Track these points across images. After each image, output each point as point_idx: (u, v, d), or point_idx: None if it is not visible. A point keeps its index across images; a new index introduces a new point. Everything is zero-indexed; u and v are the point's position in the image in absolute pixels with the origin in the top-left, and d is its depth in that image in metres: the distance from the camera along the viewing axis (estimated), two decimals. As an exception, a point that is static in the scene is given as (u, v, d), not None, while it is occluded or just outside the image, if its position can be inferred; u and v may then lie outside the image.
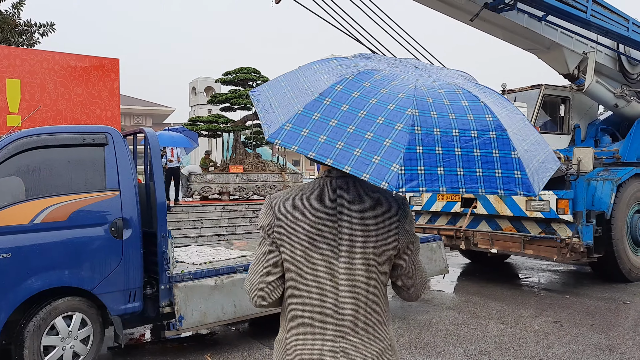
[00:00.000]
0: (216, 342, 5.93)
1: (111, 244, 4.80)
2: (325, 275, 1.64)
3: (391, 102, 1.44)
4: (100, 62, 10.52)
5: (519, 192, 1.40)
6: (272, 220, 1.68)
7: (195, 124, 18.97)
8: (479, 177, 1.39)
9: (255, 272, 1.71)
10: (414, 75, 1.59)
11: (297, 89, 1.57)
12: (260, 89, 1.68)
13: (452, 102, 1.49)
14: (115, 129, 5.07)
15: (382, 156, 1.34)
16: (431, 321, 6.41)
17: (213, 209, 14.17)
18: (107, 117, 10.42)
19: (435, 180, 1.35)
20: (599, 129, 11.10)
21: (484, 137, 1.43)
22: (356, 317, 1.65)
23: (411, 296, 1.78)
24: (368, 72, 1.56)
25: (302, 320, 1.67)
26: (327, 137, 1.40)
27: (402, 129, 1.37)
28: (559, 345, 5.49)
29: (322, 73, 1.60)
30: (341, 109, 1.44)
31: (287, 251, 1.66)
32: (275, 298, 1.71)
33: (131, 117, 41.98)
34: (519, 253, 8.54)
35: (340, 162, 1.36)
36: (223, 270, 5.38)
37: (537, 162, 1.52)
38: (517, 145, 1.45)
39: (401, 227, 1.68)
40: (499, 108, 1.56)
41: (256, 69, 19.37)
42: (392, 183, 1.30)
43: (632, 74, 10.32)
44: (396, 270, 1.72)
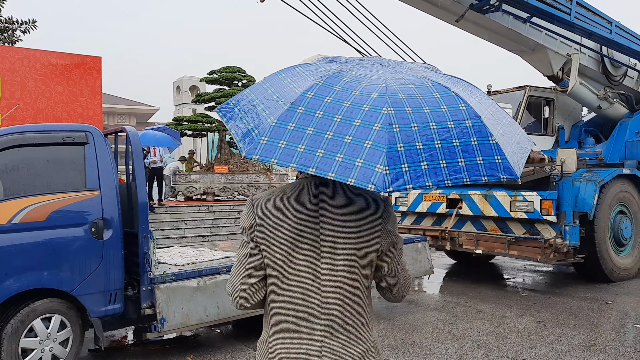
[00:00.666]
0: (199, 344, 5.86)
1: (91, 244, 4.71)
2: (308, 277, 1.62)
3: (365, 103, 1.42)
4: (82, 60, 10.39)
5: (502, 176, 1.41)
6: (253, 222, 1.66)
7: (179, 124, 18.86)
8: (462, 167, 1.39)
9: (237, 274, 1.69)
10: (382, 73, 1.59)
11: (266, 101, 1.54)
12: (227, 105, 1.64)
13: (425, 95, 1.49)
14: (95, 128, 4.98)
15: (364, 158, 1.32)
16: (416, 322, 6.40)
17: (197, 210, 14.08)
18: (89, 116, 10.30)
19: (421, 176, 1.35)
20: (582, 131, 11.20)
21: (461, 126, 1.43)
22: (339, 318, 1.64)
23: (395, 297, 1.77)
24: (336, 75, 1.54)
25: (284, 322, 1.65)
26: (305, 146, 1.38)
27: (380, 128, 1.36)
28: (542, 345, 5.51)
29: (290, 82, 1.57)
30: (316, 116, 1.42)
31: (269, 253, 1.64)
32: (258, 300, 1.69)
33: (114, 116, 41.58)
34: (503, 254, 8.57)
35: (323, 170, 1.34)
36: (206, 272, 5.31)
37: (514, 143, 1.54)
38: (494, 130, 1.46)
39: (383, 227, 1.66)
40: (469, 96, 1.56)
41: (241, 68, 19.29)
42: (378, 184, 1.29)
43: (615, 76, 10.42)
44: (379, 271, 1.71)
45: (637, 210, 9.03)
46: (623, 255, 8.76)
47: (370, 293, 1.73)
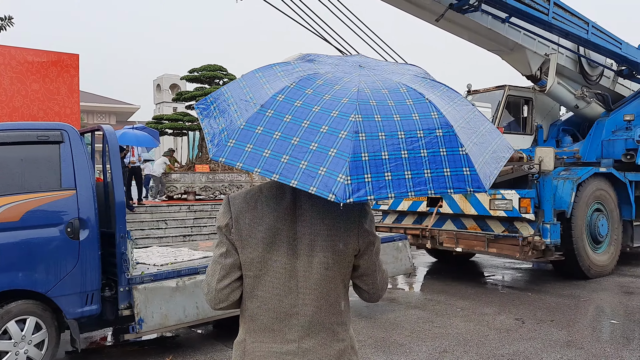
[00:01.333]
0: (178, 344, 5.80)
1: (67, 245, 4.63)
2: (284, 276, 1.61)
3: (334, 109, 1.40)
4: (59, 58, 10.22)
5: (469, 189, 1.39)
6: (229, 221, 1.64)
7: (159, 122, 18.68)
8: (428, 178, 1.37)
9: (212, 273, 1.67)
10: (358, 76, 1.56)
11: (240, 101, 1.53)
12: (205, 101, 1.63)
13: (397, 102, 1.46)
14: (71, 126, 4.90)
15: (327, 167, 1.31)
16: (396, 320, 6.42)
17: (178, 209, 13.96)
18: (66, 114, 10.14)
19: (383, 187, 1.33)
20: (560, 130, 11.37)
21: (431, 136, 1.41)
22: (315, 318, 1.63)
23: (372, 297, 1.77)
24: (310, 78, 1.52)
25: (261, 322, 1.64)
26: (271, 151, 1.36)
27: (346, 137, 1.34)
28: (520, 341, 5.57)
29: (265, 82, 1.56)
30: (284, 120, 1.41)
31: (246, 252, 1.62)
32: (234, 300, 1.68)
33: (94, 115, 41.04)
34: (483, 251, 8.65)
35: (287, 177, 1.32)
36: (185, 272, 5.26)
37: (488, 153, 1.52)
38: (465, 141, 1.44)
39: (361, 227, 1.65)
40: (445, 103, 1.53)
41: (222, 66, 19.19)
42: (338, 195, 1.27)
43: (592, 75, 10.59)
44: (356, 270, 1.70)
45: (613, 208, 9.18)
46: (599, 253, 8.91)
47: (347, 292, 1.72)
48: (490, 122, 1.65)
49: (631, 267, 9.83)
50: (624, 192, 9.43)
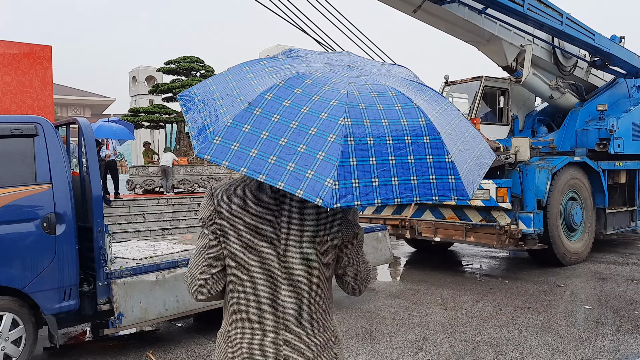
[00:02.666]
0: (159, 338, 5.77)
1: (43, 240, 4.56)
2: (268, 267, 1.61)
3: (323, 111, 1.39)
4: (32, 49, 9.98)
5: (453, 197, 1.41)
6: (212, 212, 1.64)
7: (136, 115, 18.42)
8: (414, 185, 1.38)
9: (195, 265, 1.66)
10: (347, 76, 1.55)
11: (226, 96, 1.50)
12: (188, 93, 1.60)
13: (385, 106, 1.46)
14: (45, 119, 4.81)
15: (315, 170, 1.30)
16: (377, 310, 6.48)
17: (156, 203, 13.82)
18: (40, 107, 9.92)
19: (370, 193, 1.33)
20: (535, 120, 11.54)
21: (418, 142, 1.41)
22: (299, 308, 1.64)
23: (356, 289, 1.77)
24: (299, 77, 1.50)
25: (244, 313, 1.64)
26: (258, 151, 1.35)
27: (335, 140, 1.34)
28: (498, 328, 5.67)
29: (252, 77, 1.53)
30: (272, 120, 1.39)
31: (229, 243, 1.62)
32: (217, 291, 1.67)
33: (68, 108, 40.28)
34: (461, 241, 8.77)
35: (273, 178, 1.32)
36: (165, 265, 5.22)
37: (473, 159, 1.54)
38: (451, 147, 1.45)
39: (345, 218, 1.66)
40: (432, 108, 1.54)
41: (199, 58, 18.97)
42: (326, 199, 1.27)
43: (566, 66, 10.75)
44: (340, 262, 1.71)
45: (587, 197, 9.37)
46: (574, 240, 9.10)
47: (330, 283, 1.73)
48: (474, 128, 1.68)
49: (604, 254, 10.07)
50: (597, 180, 9.64)
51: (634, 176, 10.73)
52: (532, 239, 8.16)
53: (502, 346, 5.11)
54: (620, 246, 11.26)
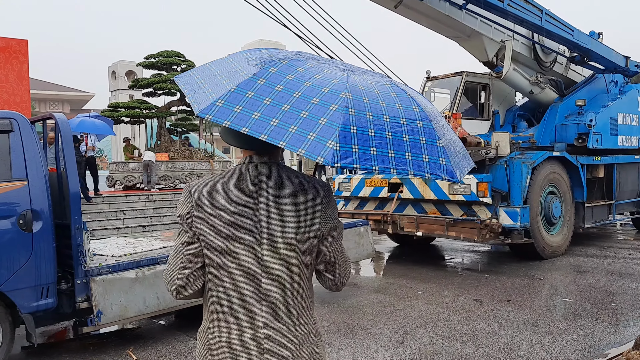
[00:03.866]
0: (139, 336, 5.72)
1: (19, 237, 4.48)
2: (248, 263, 1.61)
3: (325, 86, 1.45)
4: (7, 44, 9.77)
5: (444, 176, 1.48)
6: (191, 209, 1.63)
7: (115, 110, 18.17)
8: (409, 160, 1.43)
9: (174, 262, 1.65)
10: (344, 68, 1.64)
11: (228, 72, 1.54)
12: (186, 74, 1.63)
13: (382, 92, 1.54)
14: (21, 115, 4.71)
15: (317, 133, 1.35)
16: (359, 304, 6.50)
17: (137, 199, 13.68)
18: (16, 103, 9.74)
19: (369, 160, 1.38)
20: (516, 115, 11.65)
21: (412, 125, 1.49)
22: (280, 303, 1.63)
23: (335, 284, 1.76)
24: (301, 60, 1.57)
25: (224, 310, 1.64)
26: (261, 114, 1.38)
27: (337, 109, 1.39)
28: (478, 321, 5.72)
29: (252, 59, 1.59)
30: (275, 89, 1.43)
31: (208, 240, 1.61)
32: (196, 289, 1.66)
33: (46, 103, 39.64)
34: (442, 235, 8.82)
35: (275, 138, 1.34)
36: (145, 262, 5.17)
37: (458, 155, 1.62)
38: (441, 137, 1.54)
39: (324, 212, 1.67)
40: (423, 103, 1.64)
41: (180, 52, 18.78)
42: (327, 158, 1.31)
43: (546, 62, 10.86)
44: (319, 256, 1.71)
45: (566, 191, 9.49)
46: (553, 234, 9.21)
47: (311, 278, 1.73)
48: (456, 136, 1.76)
49: (583, 247, 10.23)
50: (576, 175, 9.76)
51: (612, 170, 10.90)
52: (519, 233, 8.24)
53: (482, 339, 5.16)
54: (599, 239, 11.44)
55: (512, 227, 8.16)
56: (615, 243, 11.00)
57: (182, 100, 18.52)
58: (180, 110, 19.77)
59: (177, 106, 18.95)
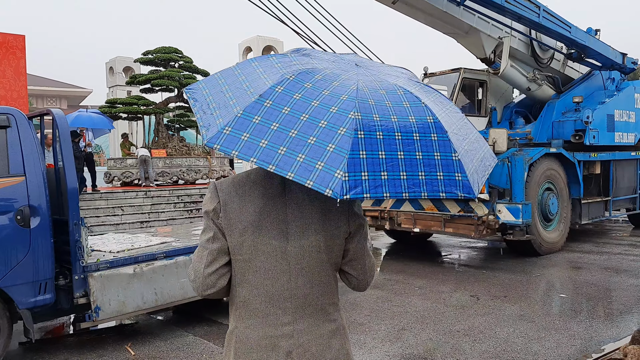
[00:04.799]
0: (137, 331, 5.73)
1: (17, 233, 4.48)
2: (276, 259, 1.60)
3: (333, 105, 1.40)
4: (4, 39, 9.74)
5: (460, 194, 1.42)
6: (217, 206, 1.61)
7: (113, 106, 18.13)
8: (422, 181, 1.38)
9: (199, 259, 1.64)
10: (356, 74, 1.56)
11: (235, 89, 1.49)
12: (196, 86, 1.59)
13: (394, 103, 1.47)
14: (18, 110, 4.71)
15: (325, 162, 1.31)
16: (356, 300, 6.52)
17: (135, 195, 13.66)
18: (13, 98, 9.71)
19: (379, 186, 1.33)
20: (513, 112, 11.67)
21: (426, 139, 1.43)
22: (308, 300, 1.62)
23: (361, 283, 1.75)
24: (309, 72, 1.50)
25: (253, 307, 1.62)
26: (268, 141, 1.35)
27: (345, 133, 1.34)
28: (475, 317, 5.75)
29: (262, 72, 1.53)
30: (282, 112, 1.39)
31: (234, 236, 1.59)
32: (221, 286, 1.64)
33: (44, 99, 39.53)
34: (439, 231, 8.85)
35: (283, 169, 1.31)
36: (142, 258, 5.19)
37: (477, 160, 1.55)
38: (458, 147, 1.47)
39: (351, 209, 1.66)
40: (439, 108, 1.55)
41: (178, 48, 18.72)
42: (336, 190, 1.27)
43: (543, 58, 10.87)
44: (346, 255, 1.69)
45: (562, 187, 9.52)
46: (550, 230, 9.25)
47: (336, 275, 1.73)
48: (477, 131, 1.69)
49: (579, 244, 10.27)
50: (572, 171, 9.79)
51: (608, 167, 10.94)
52: (521, 230, 8.27)
53: (479, 335, 5.19)
54: (595, 236, 11.49)
55: (514, 223, 8.18)
56: (611, 239, 11.04)
57: (180, 96, 18.49)
58: (178, 107, 19.73)
59: (174, 102, 18.91)
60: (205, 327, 5.66)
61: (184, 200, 14.20)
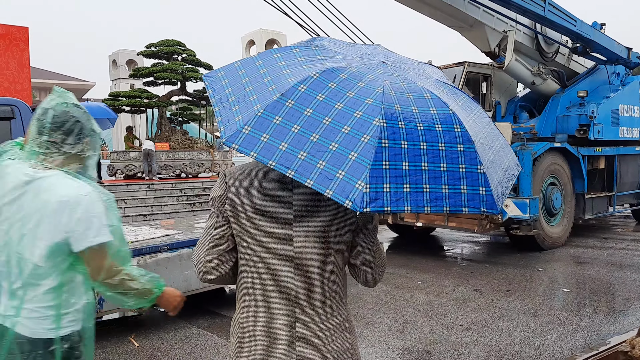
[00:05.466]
0: (141, 323, 5.74)
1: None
2: (280, 249, 1.59)
3: (358, 109, 1.34)
4: (7, 31, 9.72)
5: (483, 209, 1.37)
6: (223, 192, 1.61)
7: (116, 99, 18.13)
8: (445, 194, 1.34)
9: (202, 245, 1.65)
10: (382, 74, 1.50)
11: (256, 83, 1.44)
12: (214, 74, 1.54)
13: (421, 109, 1.41)
14: (22, 102, 4.71)
15: (346, 171, 1.26)
16: (359, 294, 6.52)
17: (138, 188, 13.69)
18: (17, 90, 9.71)
19: (401, 199, 1.29)
20: (517, 106, 11.61)
21: (452, 150, 1.37)
22: (312, 291, 1.61)
23: (370, 278, 1.72)
24: (334, 71, 1.44)
25: (257, 295, 1.62)
26: (288, 144, 1.30)
27: (369, 141, 1.29)
28: (478, 311, 5.75)
29: (284, 65, 1.48)
30: (304, 114, 1.34)
31: (240, 223, 1.59)
32: (223, 273, 1.64)
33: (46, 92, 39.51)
34: (442, 226, 8.85)
35: (303, 175, 1.28)
36: (146, 250, 5.19)
37: (502, 171, 1.51)
38: (484, 158, 1.42)
39: None
40: (466, 115, 1.50)
41: (181, 41, 18.69)
42: (356, 202, 1.24)
43: (548, 52, 10.81)
44: (354, 248, 1.67)
45: (566, 182, 9.49)
46: (553, 225, 9.23)
47: (344, 268, 1.71)
48: (503, 137, 1.64)
49: (583, 239, 10.25)
50: (577, 166, 9.76)
51: (613, 162, 10.90)
52: (528, 225, 8.25)
53: (482, 328, 5.19)
54: (599, 231, 11.46)
55: (521, 218, 8.16)
56: (614, 234, 11.02)
57: (183, 89, 18.47)
58: (181, 100, 19.72)
59: (177, 96, 18.90)
60: (208, 319, 5.67)
61: (186, 193, 14.22)
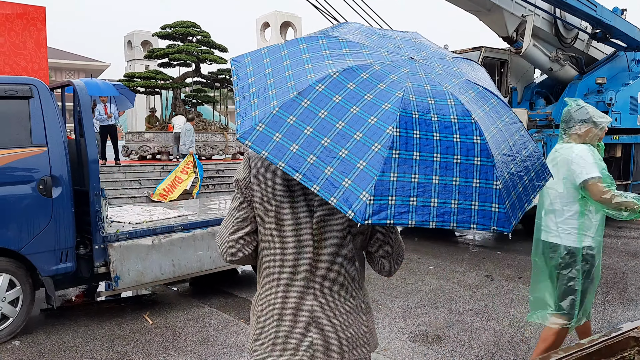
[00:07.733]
0: (155, 302, 5.84)
1: (39, 202, 4.57)
2: (299, 232, 1.62)
3: (373, 114, 1.32)
4: (25, 10, 9.78)
5: (493, 227, 1.32)
6: (247, 175, 1.64)
7: (131, 80, 18.19)
8: (453, 210, 1.29)
9: (226, 226, 1.69)
10: (407, 73, 1.44)
11: (277, 76, 1.43)
12: (242, 60, 1.53)
13: (440, 117, 1.35)
14: (40, 81, 4.76)
15: (353, 180, 1.25)
16: (370, 278, 6.52)
17: (152, 169, 13.80)
18: (34, 70, 9.79)
19: (405, 212, 1.26)
20: (534, 92, 11.48)
21: (467, 163, 1.32)
22: (329, 275, 1.65)
23: (387, 266, 1.73)
24: (355, 69, 1.40)
25: (276, 276, 1.66)
26: (299, 146, 1.30)
27: (379, 151, 1.26)
28: (489, 297, 5.76)
29: (307, 59, 1.46)
30: (318, 115, 1.33)
31: (262, 206, 1.62)
32: (246, 254, 1.68)
33: (62, 72, 39.84)
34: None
35: (310, 180, 1.27)
36: (161, 230, 5.27)
37: (523, 184, 1.44)
38: (503, 172, 1.36)
39: None
40: (491, 123, 1.43)
41: (196, 23, 18.65)
42: (358, 214, 1.22)
43: (567, 38, 10.64)
44: (372, 236, 1.69)
45: (581, 170, 9.38)
46: (567, 213, 9.15)
47: (362, 254, 1.72)
48: (533, 144, 1.55)
49: (596, 227, 10.15)
50: (592, 154, 9.64)
51: (630, 150, 10.76)
52: None
53: (492, 314, 5.21)
54: (613, 220, 11.33)
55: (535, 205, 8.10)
56: (629, 223, 10.91)
57: (197, 71, 18.47)
58: (195, 82, 19.74)
59: (192, 77, 18.92)
60: (221, 299, 5.75)
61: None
